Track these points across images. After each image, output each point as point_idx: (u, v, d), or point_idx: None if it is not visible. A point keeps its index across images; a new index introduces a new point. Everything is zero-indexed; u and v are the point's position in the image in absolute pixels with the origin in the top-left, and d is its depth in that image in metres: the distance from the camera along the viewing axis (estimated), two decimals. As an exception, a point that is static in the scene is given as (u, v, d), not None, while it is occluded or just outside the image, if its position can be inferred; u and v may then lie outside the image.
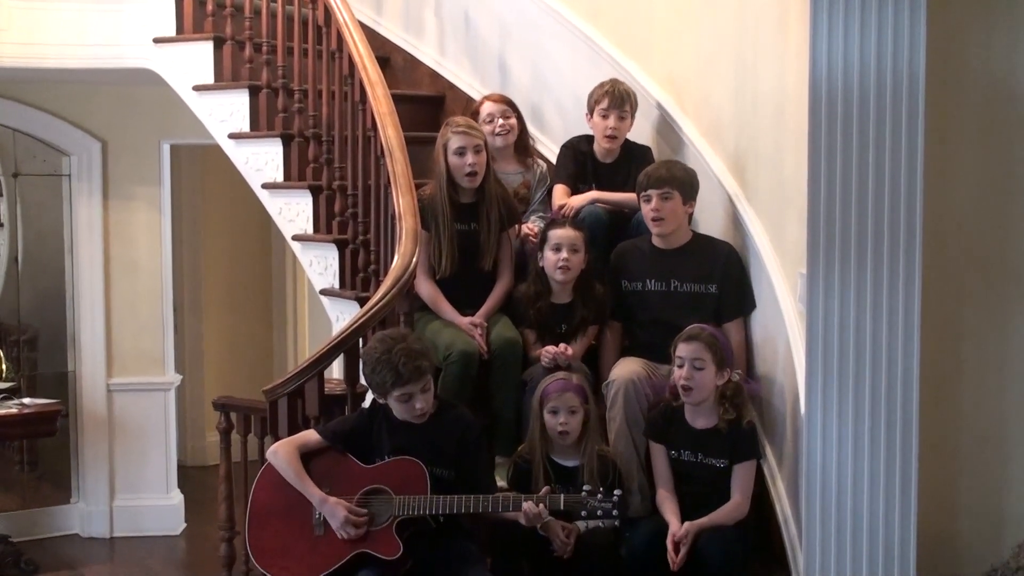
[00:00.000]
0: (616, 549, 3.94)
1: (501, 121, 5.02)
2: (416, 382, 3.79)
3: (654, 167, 4.53)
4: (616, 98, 4.84)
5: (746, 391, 4.10)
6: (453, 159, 4.59)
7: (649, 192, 4.40)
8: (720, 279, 4.40)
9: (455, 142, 4.58)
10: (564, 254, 4.46)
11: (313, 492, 3.83)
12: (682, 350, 4.01)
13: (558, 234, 4.50)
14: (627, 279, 4.51)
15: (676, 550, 3.84)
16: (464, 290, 4.62)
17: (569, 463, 4.07)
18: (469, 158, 4.57)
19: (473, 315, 4.53)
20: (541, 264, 4.55)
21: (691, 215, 4.54)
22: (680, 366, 4.01)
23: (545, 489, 3.83)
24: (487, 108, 5.06)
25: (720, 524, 3.90)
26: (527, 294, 4.57)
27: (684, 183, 4.42)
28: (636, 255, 4.53)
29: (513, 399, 4.43)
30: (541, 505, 3.74)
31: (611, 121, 4.84)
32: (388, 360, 3.79)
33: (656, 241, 4.49)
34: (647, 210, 4.43)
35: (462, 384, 4.32)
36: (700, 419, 4.05)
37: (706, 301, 4.39)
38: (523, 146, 5.13)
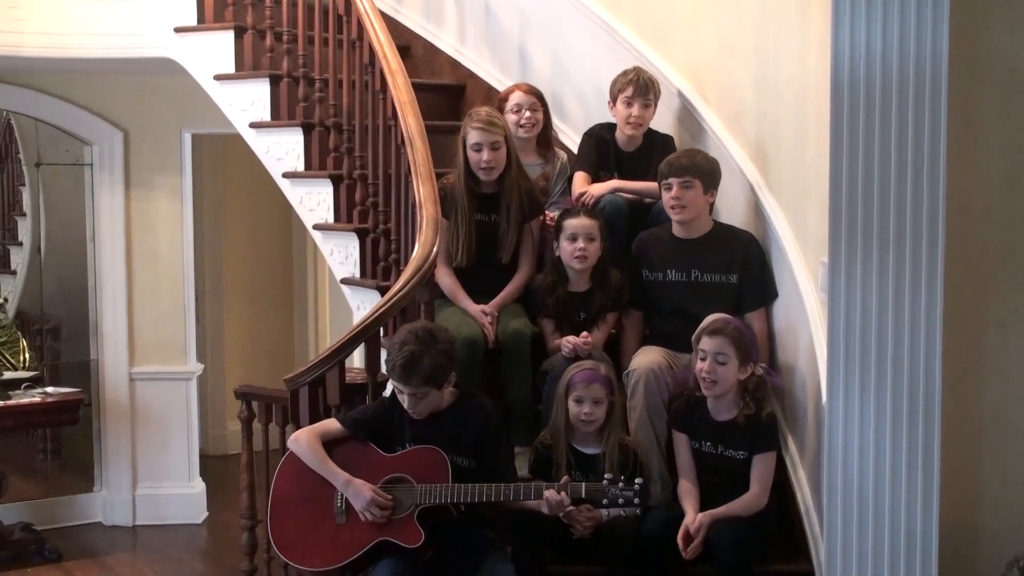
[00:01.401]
0: (637, 537, 3.94)
1: (528, 114, 5.01)
2: (403, 383, 3.80)
3: (676, 155, 4.52)
4: (640, 86, 4.82)
5: (769, 384, 4.09)
6: (471, 153, 4.59)
7: (670, 180, 4.39)
8: (741, 269, 4.39)
9: (473, 137, 4.57)
10: (580, 243, 4.45)
11: (337, 474, 3.84)
12: (706, 344, 4.00)
13: (573, 223, 4.49)
14: (648, 269, 4.50)
15: (688, 540, 3.84)
16: (482, 280, 4.63)
17: (590, 451, 4.08)
18: (485, 155, 4.56)
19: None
20: (557, 253, 4.55)
21: (712, 204, 4.53)
22: (703, 359, 4.00)
23: (565, 478, 3.83)
24: (516, 98, 5.04)
25: (735, 515, 3.90)
26: (544, 284, 4.57)
27: (705, 172, 4.40)
28: (657, 245, 4.52)
29: (525, 389, 4.44)
30: (563, 493, 3.75)
31: (635, 109, 4.83)
32: (391, 352, 3.82)
33: (677, 231, 4.48)
34: (667, 198, 4.42)
35: (468, 370, 4.29)
36: (722, 411, 4.04)
37: (727, 291, 4.38)
38: (545, 139, 5.12)
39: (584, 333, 4.38)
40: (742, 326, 4.09)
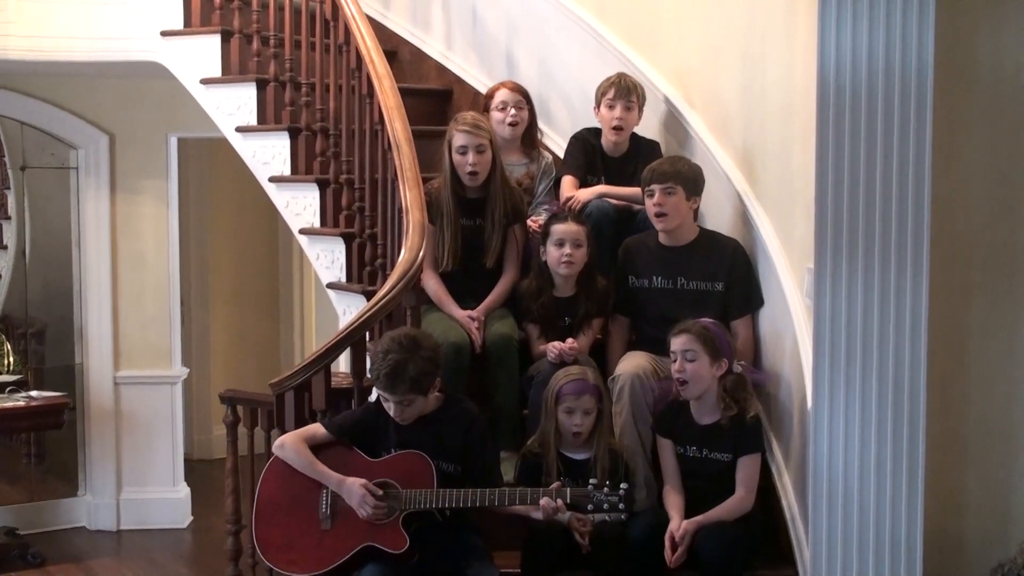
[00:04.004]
0: (623, 542, 3.94)
1: (513, 112, 5.01)
2: (389, 391, 3.79)
3: (658, 162, 4.52)
4: (622, 89, 4.83)
5: (750, 382, 4.10)
6: (456, 156, 4.59)
7: (652, 187, 4.38)
8: (727, 277, 4.39)
9: (458, 140, 4.57)
10: (567, 249, 4.44)
11: (329, 475, 3.84)
12: (674, 344, 4.02)
13: (561, 229, 4.48)
14: (634, 275, 4.50)
15: (674, 547, 3.84)
16: (469, 284, 4.63)
17: (579, 456, 4.07)
18: (470, 157, 4.56)
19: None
20: (544, 259, 4.54)
21: (696, 211, 4.52)
22: (674, 360, 4.01)
23: (556, 484, 3.83)
24: (502, 95, 5.04)
25: (721, 519, 3.90)
26: (530, 289, 4.57)
27: (688, 179, 4.40)
28: (643, 252, 4.52)
29: (512, 394, 4.44)
30: (559, 500, 3.74)
31: (617, 112, 4.83)
32: (375, 361, 3.83)
33: (663, 238, 4.47)
34: (650, 205, 4.41)
35: (455, 376, 4.30)
36: (705, 415, 4.04)
37: (712, 298, 4.38)
38: (530, 138, 5.12)
39: (570, 339, 4.38)
40: (710, 323, 4.09)
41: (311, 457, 3.88)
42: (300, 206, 5.35)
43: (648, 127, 5.04)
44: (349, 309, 5.01)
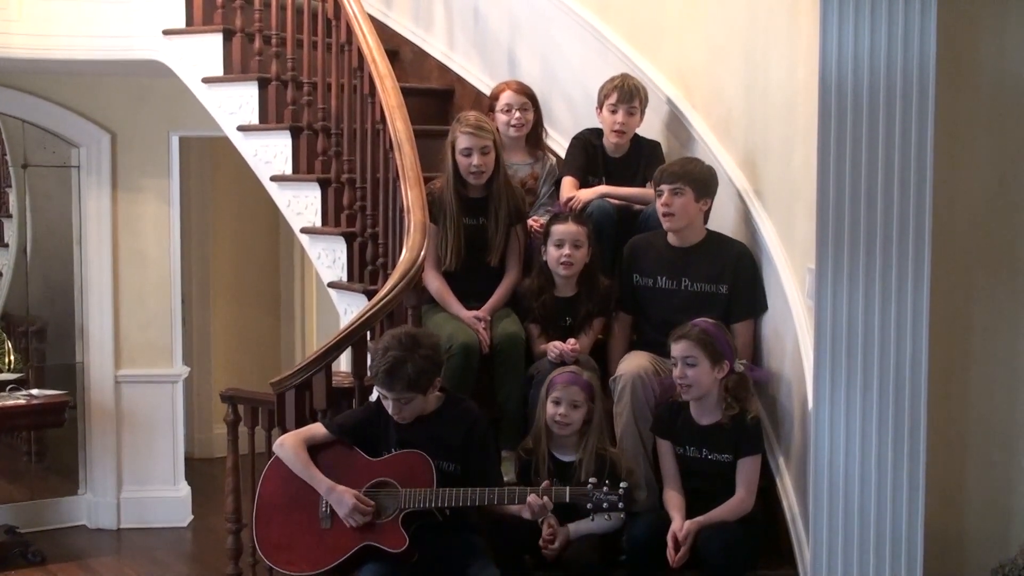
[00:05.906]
0: (607, 555, 3.94)
1: (518, 114, 5.00)
2: (387, 388, 3.80)
3: (670, 163, 4.52)
4: (625, 93, 4.82)
5: (751, 381, 4.09)
6: (460, 158, 4.58)
7: (662, 187, 4.37)
8: (732, 280, 4.38)
9: (462, 142, 4.56)
10: (566, 249, 4.44)
11: (320, 480, 3.84)
12: (674, 350, 4.01)
13: (560, 229, 4.48)
14: (639, 274, 4.49)
15: (676, 547, 3.84)
16: (471, 284, 4.61)
17: (567, 458, 4.07)
18: (475, 159, 4.55)
19: (479, 309, 4.53)
20: (544, 258, 4.54)
21: (707, 214, 4.51)
22: (675, 365, 4.01)
23: (546, 483, 3.83)
24: (506, 97, 5.03)
25: (723, 520, 3.90)
26: (531, 288, 4.56)
27: (698, 180, 4.38)
28: (650, 251, 4.51)
29: (517, 393, 4.42)
30: (545, 498, 3.74)
31: (620, 116, 4.82)
32: (374, 358, 3.84)
33: (670, 238, 4.46)
34: (659, 204, 4.41)
35: (463, 377, 4.31)
36: (705, 415, 4.04)
37: (716, 301, 4.37)
38: (535, 138, 5.11)
39: (571, 339, 4.38)
40: (709, 326, 4.06)
41: (307, 460, 3.89)
42: (301, 205, 5.35)
43: (650, 127, 5.04)
44: (350, 308, 5.01)
